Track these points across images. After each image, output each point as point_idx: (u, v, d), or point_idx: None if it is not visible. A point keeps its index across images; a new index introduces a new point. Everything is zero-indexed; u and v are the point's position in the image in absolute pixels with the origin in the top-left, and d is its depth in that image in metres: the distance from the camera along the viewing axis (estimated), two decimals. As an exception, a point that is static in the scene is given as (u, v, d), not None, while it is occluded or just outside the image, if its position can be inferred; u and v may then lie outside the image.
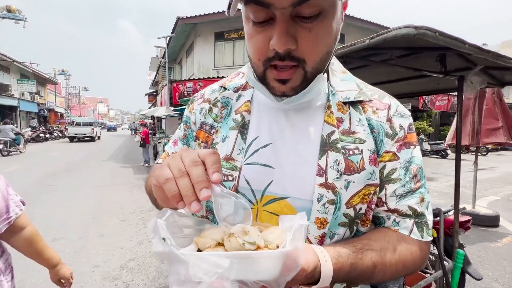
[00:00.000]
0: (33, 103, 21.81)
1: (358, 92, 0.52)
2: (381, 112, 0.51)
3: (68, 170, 7.75)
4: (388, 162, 0.49)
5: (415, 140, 0.52)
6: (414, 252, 0.48)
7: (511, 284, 2.42)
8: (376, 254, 0.46)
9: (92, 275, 2.47)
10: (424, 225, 0.49)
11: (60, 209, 4.35)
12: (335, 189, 0.46)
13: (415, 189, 0.50)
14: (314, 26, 0.40)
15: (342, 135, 0.49)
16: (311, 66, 0.43)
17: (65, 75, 37.11)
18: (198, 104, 0.61)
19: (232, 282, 0.28)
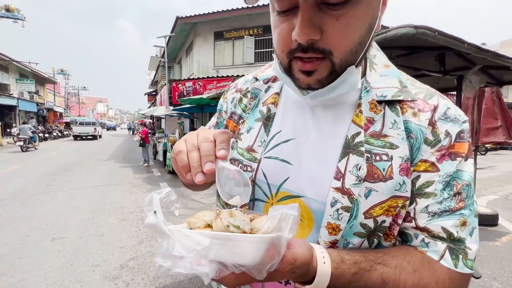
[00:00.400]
0: (32, 103, 21.77)
1: (399, 90, 0.45)
2: (423, 114, 0.44)
3: (67, 170, 7.74)
4: (423, 173, 0.43)
5: (465, 151, 0.43)
6: (440, 281, 0.40)
7: (509, 282, 2.43)
8: (389, 271, 0.40)
9: (92, 275, 2.47)
10: (461, 253, 0.40)
11: (60, 208, 4.35)
12: (351, 196, 0.42)
13: (455, 209, 0.41)
14: (343, 14, 0.36)
15: (370, 138, 0.44)
16: (339, 57, 0.39)
17: (64, 75, 37.04)
18: (231, 94, 0.61)
19: (211, 261, 0.28)
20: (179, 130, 9.33)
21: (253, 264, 0.29)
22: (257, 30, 11.32)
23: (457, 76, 1.51)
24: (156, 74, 22.23)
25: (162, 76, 16.69)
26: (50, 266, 2.59)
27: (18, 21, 16.59)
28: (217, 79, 10.46)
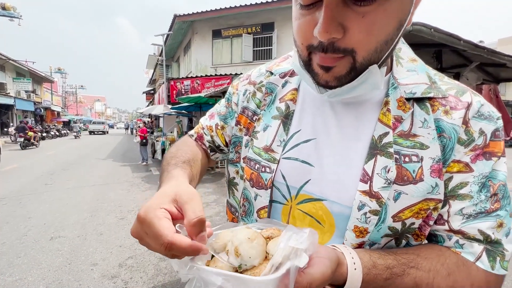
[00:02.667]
0: (29, 102, 21.65)
1: (428, 86, 0.43)
2: (456, 112, 0.41)
3: (65, 169, 7.72)
4: (456, 174, 0.41)
5: (500, 151, 0.41)
6: (476, 284, 0.39)
7: (508, 285, 2.45)
8: (422, 275, 0.39)
9: (90, 273, 2.47)
10: (499, 255, 0.39)
11: (58, 207, 4.34)
12: (380, 199, 0.40)
13: (492, 211, 0.40)
14: (370, 11, 0.33)
15: (398, 138, 0.41)
16: (362, 56, 0.36)
17: (62, 74, 36.82)
18: (243, 85, 0.57)
19: None
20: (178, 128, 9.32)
21: None
22: (256, 28, 11.29)
23: (454, 73, 1.52)
24: (154, 72, 22.15)
25: (160, 74, 16.63)
26: (48, 265, 2.59)
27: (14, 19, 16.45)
28: (215, 77, 10.43)
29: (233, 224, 0.42)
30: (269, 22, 11.16)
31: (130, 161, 9.55)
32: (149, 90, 26.53)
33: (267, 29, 11.23)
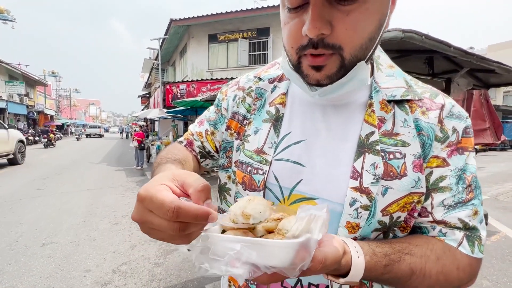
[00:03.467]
0: (22, 105, 21.33)
1: (406, 89, 0.47)
2: (431, 112, 0.45)
3: (58, 174, 7.60)
4: (435, 169, 0.44)
5: (471, 146, 0.46)
6: (461, 267, 0.43)
7: (499, 280, 2.48)
8: (416, 261, 0.41)
9: (83, 280, 2.42)
10: (477, 240, 0.44)
11: (50, 213, 4.26)
12: (370, 194, 0.42)
13: (467, 200, 0.44)
14: (353, 10, 0.36)
15: (383, 137, 0.45)
16: (349, 53, 0.38)
17: (55, 77, 36.44)
18: (232, 91, 0.59)
19: (243, 263, 0.30)
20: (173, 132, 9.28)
21: (283, 266, 0.30)
22: (251, 33, 11.38)
23: (446, 79, 1.55)
24: (149, 76, 22.08)
25: (156, 78, 16.58)
26: (39, 272, 2.53)
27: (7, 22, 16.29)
28: (211, 81, 10.45)
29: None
30: (264, 27, 11.27)
31: (124, 165, 9.45)
32: (144, 93, 26.41)
33: (263, 34, 11.33)
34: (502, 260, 2.87)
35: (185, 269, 2.65)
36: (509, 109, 20.85)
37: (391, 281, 0.42)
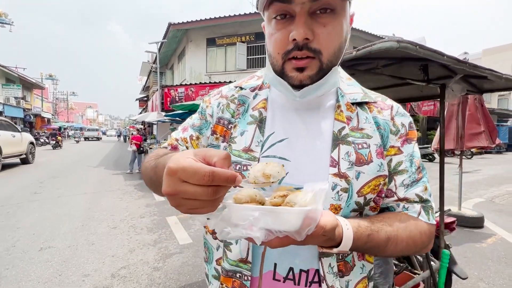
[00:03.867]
0: (19, 108, 21.20)
1: (363, 95, 0.58)
2: (385, 111, 0.57)
3: (55, 177, 7.55)
4: (393, 156, 0.55)
5: (415, 137, 0.58)
6: (422, 232, 0.53)
7: (495, 282, 2.51)
8: (390, 230, 0.50)
9: (82, 285, 2.41)
10: (430, 209, 0.55)
11: (47, 217, 4.23)
12: (347, 178, 0.51)
13: (419, 179, 0.55)
14: (328, 22, 0.47)
15: (351, 131, 0.54)
16: (326, 57, 0.48)
17: (53, 80, 36.31)
18: (215, 99, 0.64)
19: (260, 228, 0.35)
20: (171, 136, 9.24)
21: (293, 230, 0.36)
22: (249, 37, 11.48)
23: (440, 84, 1.59)
24: (147, 79, 22.09)
25: (154, 81, 16.60)
26: (37, 277, 2.52)
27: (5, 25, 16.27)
28: (210, 85, 10.49)
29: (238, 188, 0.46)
30: (262, 31, 11.36)
31: (122, 168, 9.42)
32: (142, 97, 26.38)
33: (261, 38, 11.42)
34: (498, 262, 2.91)
35: (184, 273, 2.65)
36: (504, 113, 21.13)
37: (372, 249, 0.49)
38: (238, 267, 0.55)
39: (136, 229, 3.81)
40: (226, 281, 0.56)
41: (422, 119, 16.28)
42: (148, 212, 4.60)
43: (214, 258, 0.60)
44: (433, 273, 1.63)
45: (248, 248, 0.54)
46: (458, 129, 4.13)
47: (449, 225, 1.99)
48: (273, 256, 0.53)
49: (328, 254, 0.52)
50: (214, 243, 0.60)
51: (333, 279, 0.52)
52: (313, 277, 0.52)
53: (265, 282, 0.53)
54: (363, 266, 0.57)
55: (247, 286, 0.54)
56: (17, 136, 8.95)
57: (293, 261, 0.53)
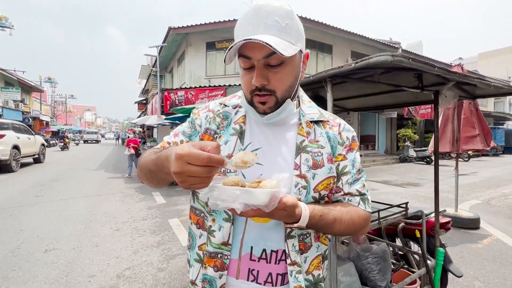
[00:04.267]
0: (18, 111, 21.16)
1: (319, 115, 0.75)
2: (334, 128, 0.74)
3: (55, 180, 7.58)
4: (340, 161, 0.71)
5: (356, 147, 0.75)
6: (360, 216, 0.70)
7: (490, 281, 2.59)
8: (336, 213, 0.66)
9: (88, 285, 2.47)
10: (366, 200, 0.72)
11: (50, 220, 4.28)
12: (306, 178, 0.66)
13: (359, 178, 0.73)
14: (279, 71, 0.62)
15: (309, 143, 0.69)
16: (280, 94, 0.64)
17: (51, 83, 36.29)
18: (204, 112, 0.77)
19: (239, 203, 0.50)
20: (172, 139, 9.28)
21: (263, 204, 0.50)
22: (249, 41, 11.61)
23: (434, 91, 1.69)
24: (147, 83, 22.17)
25: (153, 85, 16.67)
26: (44, 278, 2.57)
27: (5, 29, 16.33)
28: (209, 88, 10.59)
29: (221, 177, 0.60)
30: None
31: (121, 171, 9.46)
32: (141, 100, 26.43)
33: (260, 42, 11.55)
34: (494, 262, 2.99)
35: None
36: (500, 116, 21.36)
37: (323, 227, 0.64)
38: (220, 249, 0.67)
39: (139, 231, 3.87)
40: (209, 261, 0.68)
41: (419, 122, 16.45)
42: (150, 215, 4.65)
43: (196, 245, 0.72)
44: (429, 270, 1.71)
45: (229, 234, 0.66)
46: (454, 133, 4.23)
47: (444, 225, 2.07)
48: (249, 240, 0.66)
49: (291, 236, 0.66)
50: (198, 232, 0.73)
51: (295, 256, 0.66)
52: (281, 256, 0.66)
53: (243, 262, 0.66)
54: (318, 246, 0.71)
55: (226, 264, 0.67)
56: (32, 139, 10.36)
57: (265, 243, 0.66)
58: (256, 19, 0.60)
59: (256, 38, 0.56)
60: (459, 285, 2.51)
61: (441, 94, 1.71)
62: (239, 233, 0.66)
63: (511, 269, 2.82)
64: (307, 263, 0.68)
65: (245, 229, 0.66)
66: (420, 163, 12.86)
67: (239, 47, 0.60)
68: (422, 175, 9.34)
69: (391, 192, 6.68)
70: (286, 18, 0.60)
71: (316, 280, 0.70)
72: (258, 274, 0.66)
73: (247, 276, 0.66)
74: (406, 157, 13.28)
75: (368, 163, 12.71)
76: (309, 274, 0.68)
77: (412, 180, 8.40)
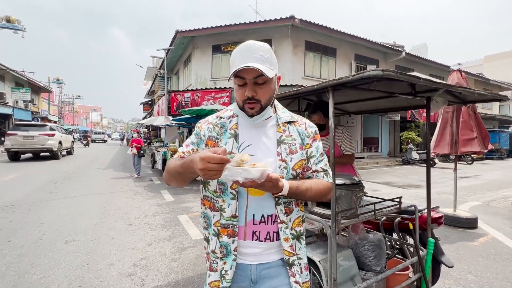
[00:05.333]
0: (27, 111, 21.69)
1: (290, 117, 1.02)
2: (302, 125, 1.02)
3: (67, 178, 7.87)
4: (308, 148, 0.99)
5: (318, 138, 1.03)
6: (325, 186, 0.97)
7: (483, 275, 2.75)
8: (308, 184, 0.92)
9: (108, 272, 2.69)
10: (328, 175, 1.00)
11: (67, 214, 4.53)
12: (286, 161, 0.93)
13: (322, 159, 1.01)
14: (263, 87, 0.91)
15: (286, 137, 0.97)
16: (263, 103, 0.92)
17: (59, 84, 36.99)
18: (205, 125, 1.02)
19: (241, 177, 0.74)
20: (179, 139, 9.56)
21: (256, 178, 0.75)
22: (254, 44, 11.84)
23: (426, 97, 1.88)
24: (153, 84, 22.53)
25: (160, 86, 17.00)
26: (68, 265, 2.80)
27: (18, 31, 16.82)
28: (215, 90, 10.84)
29: None
30: (266, 39, 11.73)
31: (130, 171, 9.72)
32: (147, 101, 26.83)
33: (265, 45, 11.78)
34: (487, 258, 3.14)
35: (199, 263, 2.91)
36: (505, 119, 21.28)
37: (299, 194, 0.90)
38: (230, 221, 0.92)
39: (151, 226, 4.09)
40: (223, 231, 0.93)
41: (422, 125, 16.49)
42: (160, 211, 4.88)
43: (212, 223, 0.96)
44: (420, 259, 1.89)
45: (236, 208, 0.91)
46: (452, 135, 4.39)
47: (437, 219, 2.25)
48: (251, 210, 0.92)
49: (279, 204, 0.92)
50: (211, 213, 0.97)
51: (283, 217, 0.93)
52: (274, 218, 0.93)
53: (248, 227, 0.93)
54: (298, 211, 0.99)
55: (236, 231, 0.92)
56: (67, 136, 14.57)
57: (263, 211, 0.93)
58: (248, 52, 0.87)
59: (251, 65, 0.85)
60: (452, 278, 2.68)
61: (432, 100, 1.90)
62: (243, 206, 0.92)
63: (504, 265, 2.98)
64: (291, 222, 0.95)
65: (247, 203, 0.92)
66: (424, 166, 12.93)
67: (236, 71, 0.89)
68: (424, 177, 9.40)
69: (392, 193, 6.82)
70: (267, 53, 0.89)
71: (298, 234, 0.97)
72: (259, 234, 0.93)
73: (252, 237, 0.93)
74: (409, 159, 13.37)
75: (371, 165, 12.83)
76: (293, 230, 0.96)
77: (414, 182, 8.53)
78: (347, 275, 1.62)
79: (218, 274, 0.94)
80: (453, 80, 4.40)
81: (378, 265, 1.71)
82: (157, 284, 2.49)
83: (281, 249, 0.94)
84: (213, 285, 0.94)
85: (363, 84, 1.63)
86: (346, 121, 14.64)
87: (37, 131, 11.79)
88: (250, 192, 0.92)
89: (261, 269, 0.94)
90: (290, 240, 0.93)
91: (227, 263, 0.92)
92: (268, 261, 0.94)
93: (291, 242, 0.94)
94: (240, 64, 0.86)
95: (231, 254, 0.92)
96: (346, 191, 1.60)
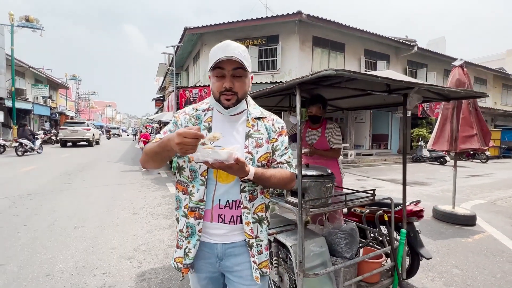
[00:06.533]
0: (46, 107, 22.74)
1: (260, 113, 1.12)
2: (270, 121, 1.11)
3: (80, 171, 8.31)
4: (274, 142, 1.09)
5: (284, 133, 1.12)
6: (287, 175, 1.06)
7: (469, 270, 2.78)
8: (272, 172, 1.02)
9: (110, 255, 2.93)
10: (291, 166, 1.10)
11: (78, 203, 4.86)
12: (252, 154, 1.03)
13: (286, 152, 1.10)
14: (240, 80, 1.00)
15: (254, 132, 1.07)
16: (240, 95, 1.02)
17: (76, 80, 38.39)
18: (183, 115, 1.10)
19: (211, 158, 0.82)
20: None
21: (224, 159, 0.83)
22: (261, 40, 11.90)
23: (402, 94, 1.94)
24: (164, 80, 23.00)
25: (170, 82, 17.37)
26: (75, 248, 3.07)
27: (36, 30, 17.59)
28: (222, 86, 11.00)
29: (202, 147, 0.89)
30: (274, 35, 11.76)
31: (140, 164, 10.09)
32: (158, 97, 27.41)
33: (272, 41, 11.82)
34: (478, 254, 3.16)
35: (194, 250, 3.11)
36: (525, 116, 20.29)
37: (264, 180, 0.99)
38: (197, 205, 1.01)
39: (153, 215, 4.33)
40: (190, 214, 1.03)
41: (434, 122, 16.02)
42: (164, 202, 5.13)
43: (183, 205, 1.05)
44: (393, 249, 1.98)
45: (204, 193, 1.01)
46: (452, 132, 4.34)
47: (416, 212, 2.32)
48: (218, 196, 1.01)
49: (244, 191, 1.01)
50: (183, 196, 1.06)
51: (246, 203, 1.03)
52: (238, 204, 1.03)
53: (215, 210, 1.03)
54: (262, 198, 1.08)
55: (202, 214, 1.02)
56: (96, 130, 19.40)
57: (228, 196, 1.02)
58: (229, 48, 0.96)
59: (233, 56, 0.95)
60: (437, 271, 2.73)
61: (409, 96, 1.97)
62: (211, 192, 1.02)
63: (494, 261, 2.99)
64: (254, 208, 1.05)
65: (215, 189, 1.02)
66: (434, 164, 12.64)
67: (217, 61, 0.97)
68: (432, 175, 9.27)
69: (395, 190, 6.79)
70: (244, 52, 0.99)
71: (260, 218, 1.07)
72: (224, 217, 1.03)
73: (218, 219, 1.03)
74: (419, 157, 13.09)
75: (379, 162, 12.68)
76: (255, 214, 1.06)
77: (420, 180, 8.41)
78: (318, 259, 1.75)
79: (182, 251, 1.05)
80: (454, 77, 4.34)
81: (349, 251, 1.83)
82: (152, 267, 2.70)
83: (244, 231, 1.04)
84: (178, 261, 1.06)
85: (335, 82, 1.72)
86: (354, 118, 14.45)
87: (79, 127, 17.30)
88: (218, 180, 1.00)
89: (226, 248, 1.04)
90: (251, 224, 1.02)
91: (191, 242, 1.02)
92: (233, 241, 1.04)
93: (252, 226, 1.03)
94: (221, 56, 0.94)
95: (196, 235, 1.02)
96: (315, 181, 1.72)
